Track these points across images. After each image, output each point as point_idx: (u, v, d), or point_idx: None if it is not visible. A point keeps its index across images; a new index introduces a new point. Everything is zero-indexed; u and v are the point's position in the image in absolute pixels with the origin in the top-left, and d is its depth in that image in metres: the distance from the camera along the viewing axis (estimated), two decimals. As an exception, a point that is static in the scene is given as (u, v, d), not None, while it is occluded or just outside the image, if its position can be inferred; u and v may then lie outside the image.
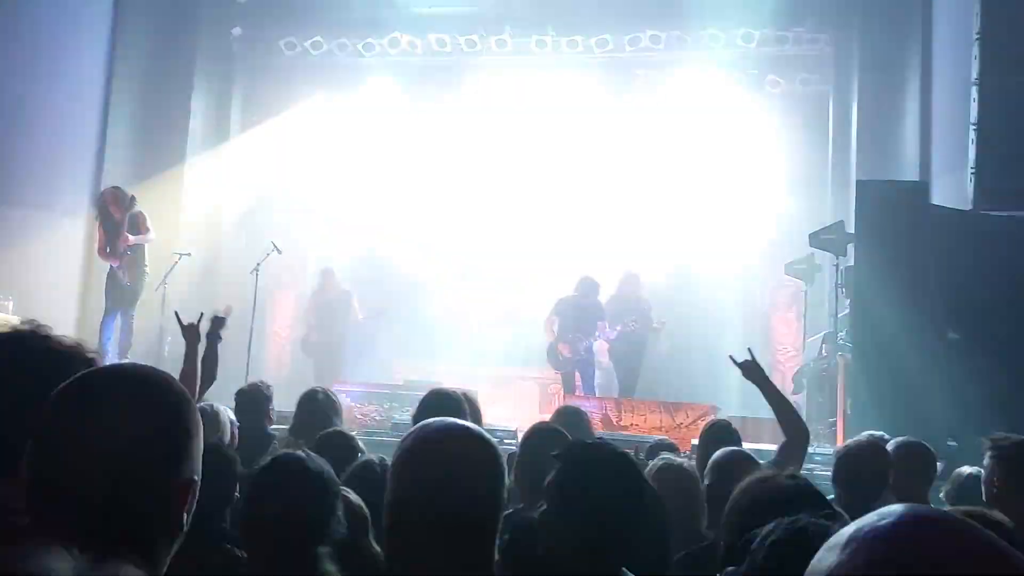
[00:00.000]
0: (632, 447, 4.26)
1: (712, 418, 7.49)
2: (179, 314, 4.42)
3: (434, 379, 10.06)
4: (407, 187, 12.76)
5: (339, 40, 11.96)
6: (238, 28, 11.94)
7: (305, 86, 12.49)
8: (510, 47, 11.79)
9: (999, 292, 6.42)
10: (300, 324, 11.88)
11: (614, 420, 8.24)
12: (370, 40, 11.88)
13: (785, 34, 10.97)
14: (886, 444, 3.84)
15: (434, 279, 11.78)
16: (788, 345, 10.80)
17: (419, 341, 11.40)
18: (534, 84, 12.36)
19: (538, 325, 10.51)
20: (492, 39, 11.68)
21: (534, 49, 11.79)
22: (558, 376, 9.82)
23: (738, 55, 11.35)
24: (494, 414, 9.82)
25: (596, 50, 11.58)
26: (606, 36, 11.40)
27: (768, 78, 11.42)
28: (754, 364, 3.92)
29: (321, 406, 4.09)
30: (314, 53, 12.15)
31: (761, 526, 1.56)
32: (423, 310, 11.74)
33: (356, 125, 12.97)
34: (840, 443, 6.97)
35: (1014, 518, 2.31)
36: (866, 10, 9.83)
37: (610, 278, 10.06)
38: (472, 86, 12.49)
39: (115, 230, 8.62)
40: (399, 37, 11.79)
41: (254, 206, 11.86)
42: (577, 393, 9.35)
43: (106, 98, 10.38)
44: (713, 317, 11.41)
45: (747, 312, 11.44)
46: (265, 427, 4.59)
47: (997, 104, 6.43)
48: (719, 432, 4.09)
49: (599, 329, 9.56)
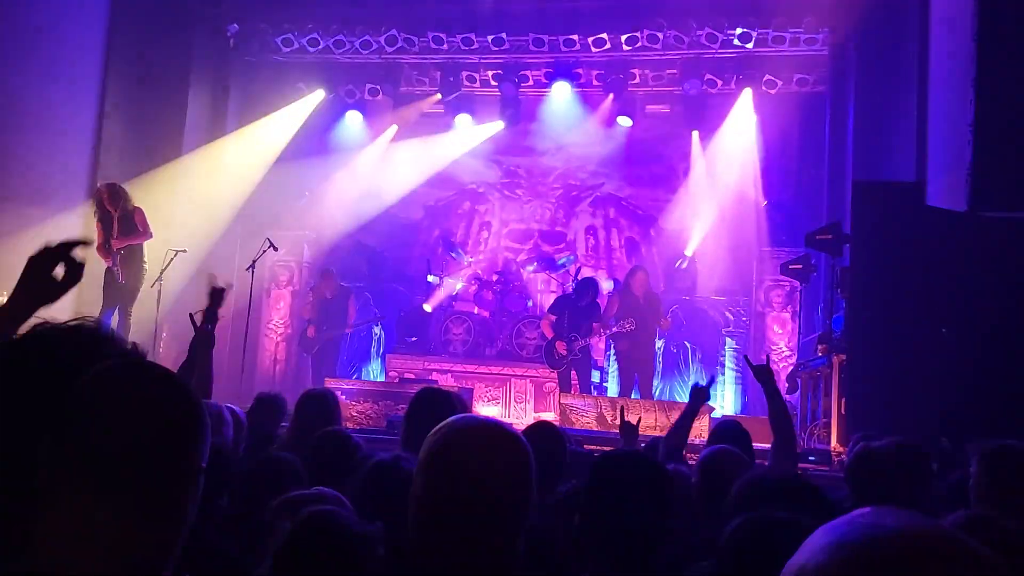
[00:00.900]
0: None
1: (722, 416, 7.53)
2: (193, 316, 4.41)
3: (429, 377, 10.12)
4: (403, 182, 12.77)
5: (336, 37, 11.95)
6: (235, 24, 11.92)
7: (301, 82, 12.48)
8: (507, 45, 11.78)
9: (995, 293, 6.42)
10: (297, 321, 11.88)
11: (609, 419, 8.25)
12: (367, 37, 11.87)
13: (782, 34, 10.98)
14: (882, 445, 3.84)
15: (430, 275, 11.74)
16: (783, 345, 10.82)
17: (414, 338, 11.40)
18: (530, 79, 12.37)
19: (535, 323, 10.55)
20: (489, 37, 11.67)
21: (531, 48, 11.78)
22: (554, 375, 9.82)
23: (735, 55, 11.36)
24: (490, 413, 9.86)
25: (593, 49, 11.58)
26: (603, 35, 11.40)
27: (765, 78, 11.43)
28: (767, 368, 4.16)
29: (320, 406, 4.09)
30: (311, 50, 12.13)
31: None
32: (418, 306, 11.73)
33: (350, 121, 12.96)
34: (834, 443, 6.99)
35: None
36: (863, 11, 9.83)
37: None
38: (468, 87, 12.50)
39: (111, 228, 8.62)
40: (396, 35, 11.77)
41: (250, 203, 11.84)
42: (573, 392, 9.35)
43: (102, 94, 10.35)
44: (708, 317, 11.46)
45: (742, 312, 11.46)
46: (272, 431, 4.60)
47: (994, 105, 6.43)
48: (729, 431, 4.10)
49: (595, 330, 9.56)
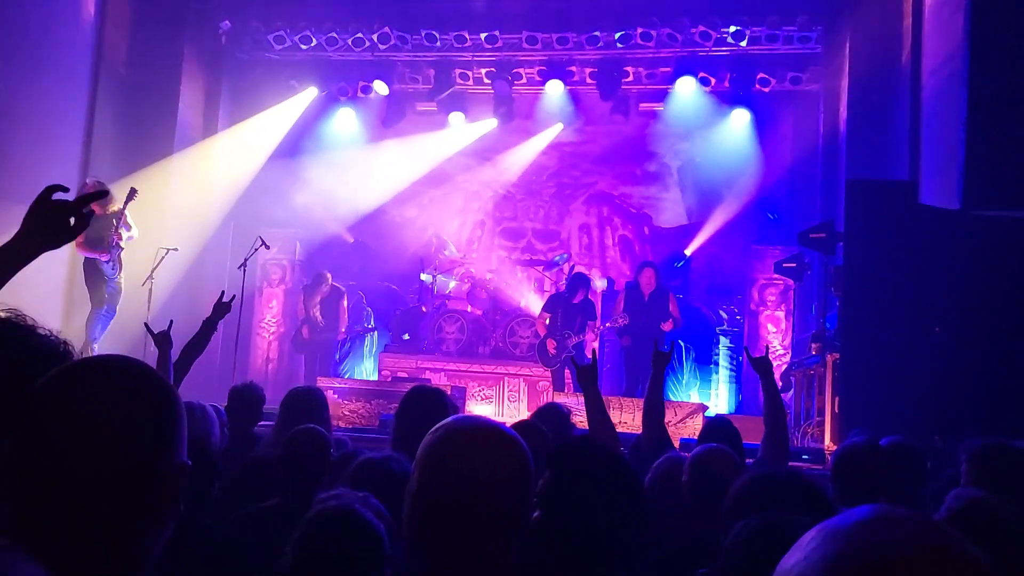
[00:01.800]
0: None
1: (715, 415, 7.51)
2: (148, 325, 4.42)
3: (422, 376, 10.09)
4: (396, 180, 12.75)
5: (328, 35, 11.91)
6: (227, 22, 11.87)
7: (294, 80, 12.44)
8: (500, 43, 11.76)
9: (988, 291, 6.43)
10: (290, 320, 11.86)
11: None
12: (359, 35, 11.83)
13: (775, 33, 10.98)
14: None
15: (423, 273, 11.72)
16: (777, 344, 10.82)
17: (407, 337, 11.37)
18: (523, 77, 12.35)
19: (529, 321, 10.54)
20: (482, 35, 11.64)
21: (524, 46, 11.76)
22: (548, 373, 9.81)
23: (728, 53, 11.36)
24: (483, 411, 9.85)
25: (587, 47, 11.57)
26: (596, 33, 11.38)
27: (758, 76, 11.43)
28: (766, 359, 4.17)
29: (306, 404, 4.06)
30: (303, 47, 12.09)
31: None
32: (412, 306, 11.71)
33: (343, 119, 12.93)
34: (828, 442, 6.99)
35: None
36: (857, 9, 9.83)
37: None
38: (461, 84, 12.48)
39: (101, 223, 8.52)
40: (389, 32, 11.74)
41: (242, 201, 11.80)
42: (567, 390, 9.33)
43: (93, 92, 10.30)
44: (702, 315, 11.46)
45: (736, 310, 11.47)
46: (251, 428, 4.56)
47: (986, 104, 6.43)
48: (719, 428, 4.08)
49: (589, 328, 9.55)
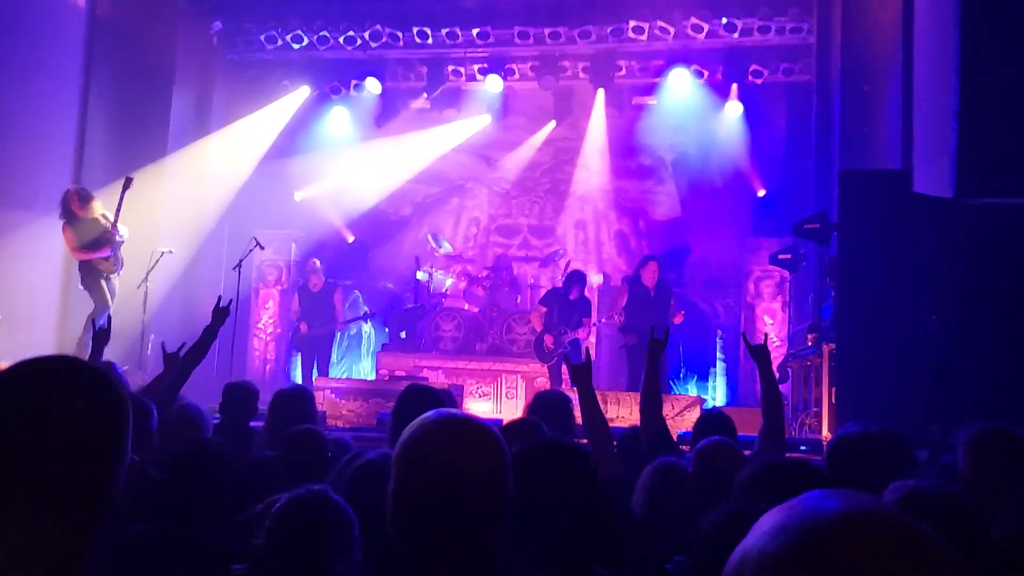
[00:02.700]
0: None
1: (710, 407, 7.50)
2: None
3: (419, 374, 10.08)
4: (390, 179, 12.74)
5: (320, 34, 11.89)
6: (218, 23, 11.85)
7: (286, 80, 12.43)
8: (492, 39, 11.75)
9: (983, 279, 6.43)
10: (286, 321, 11.85)
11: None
12: (351, 33, 11.82)
13: (767, 24, 10.98)
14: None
15: (419, 271, 11.71)
16: (773, 335, 10.82)
17: (404, 335, 11.37)
18: (516, 73, 12.35)
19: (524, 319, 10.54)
20: (474, 31, 11.64)
21: (516, 41, 11.75)
22: (545, 369, 9.81)
23: (721, 45, 11.36)
24: (480, 408, 9.85)
25: (579, 41, 11.56)
26: (588, 27, 11.38)
27: (751, 68, 11.42)
28: (764, 348, 4.12)
29: (293, 404, 4.06)
30: (295, 47, 12.07)
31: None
32: (408, 302, 11.71)
33: (336, 118, 12.91)
34: (825, 432, 7.00)
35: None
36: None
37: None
38: (454, 81, 12.48)
39: (91, 225, 8.47)
40: (380, 30, 11.72)
41: (236, 202, 11.79)
42: (564, 386, 9.33)
43: (84, 95, 10.27)
44: (698, 309, 11.46)
45: (732, 303, 11.48)
46: (247, 425, 4.56)
47: (979, 92, 6.44)
48: (714, 421, 4.08)
49: (585, 324, 9.54)
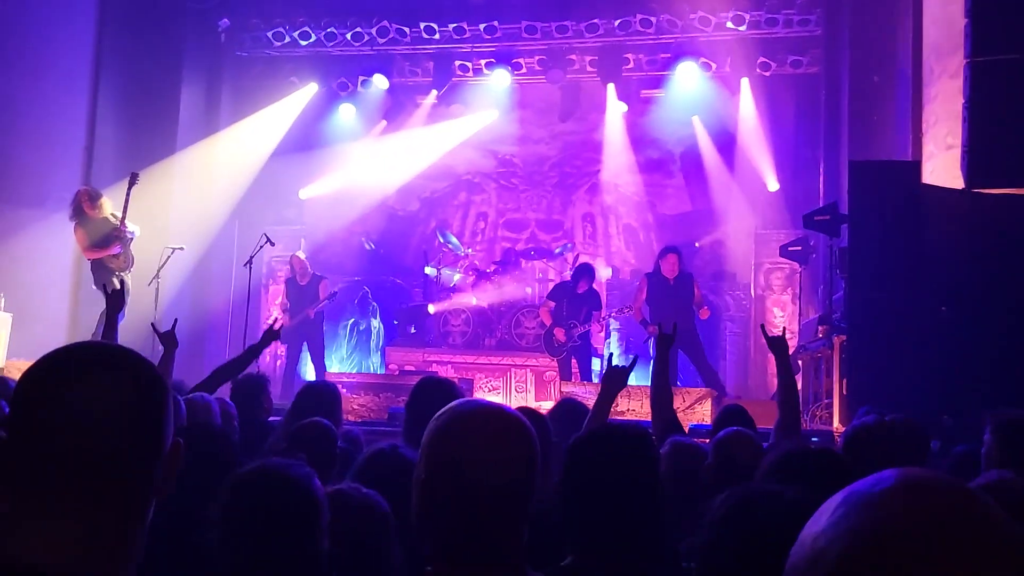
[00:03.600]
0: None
1: (726, 401, 7.49)
2: (155, 325, 4.49)
3: (429, 369, 10.11)
4: (398, 174, 12.75)
5: (327, 30, 11.91)
6: (226, 20, 11.88)
7: (294, 76, 12.45)
8: (499, 34, 11.75)
9: (993, 270, 6.43)
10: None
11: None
12: (358, 29, 11.83)
13: (775, 17, 10.96)
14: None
15: (428, 266, 11.74)
16: (783, 327, 10.80)
17: (413, 330, 11.39)
18: (523, 67, 12.35)
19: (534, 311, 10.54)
20: (481, 26, 11.64)
21: (523, 35, 11.75)
22: (554, 363, 9.82)
23: (728, 38, 11.34)
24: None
25: (587, 35, 11.55)
26: (595, 21, 11.37)
27: (759, 61, 11.40)
28: (783, 340, 4.16)
29: (319, 399, 4.08)
30: (302, 43, 12.09)
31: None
32: (417, 298, 11.74)
33: (344, 114, 12.93)
34: (836, 423, 7.00)
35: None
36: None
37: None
38: (461, 76, 12.49)
39: (100, 224, 8.51)
40: (387, 26, 11.74)
41: (246, 198, 11.82)
42: (574, 380, 9.35)
43: (94, 93, 10.32)
44: (708, 301, 11.44)
45: (742, 295, 11.47)
46: (262, 417, 4.58)
47: (988, 82, 6.42)
48: (734, 416, 4.09)
49: (595, 318, 9.53)
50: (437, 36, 11.87)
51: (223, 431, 3.10)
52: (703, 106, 11.82)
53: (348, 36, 11.92)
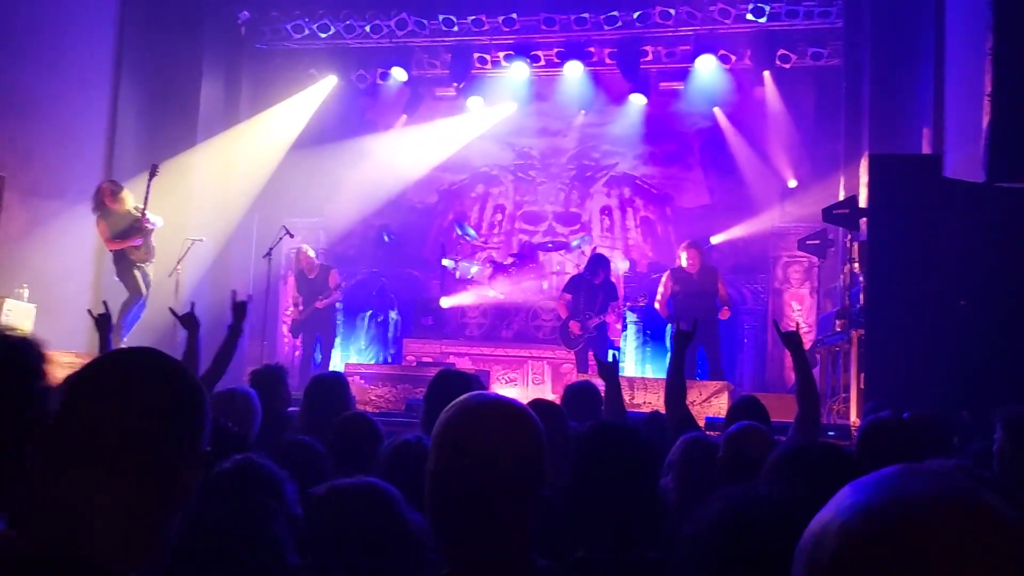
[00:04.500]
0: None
1: (745, 395, 7.47)
2: (173, 309, 4.49)
3: (446, 360, 10.15)
4: (416, 167, 12.78)
5: (346, 23, 11.94)
6: (245, 12, 11.93)
7: (313, 69, 12.49)
8: (518, 26, 11.74)
9: (1014, 264, 6.38)
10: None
11: (627, 398, 8.25)
12: (378, 22, 11.86)
13: (795, 8, 10.88)
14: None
15: (445, 259, 11.77)
16: (802, 321, 10.77)
17: (430, 322, 11.43)
18: (541, 59, 12.33)
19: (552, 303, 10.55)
20: (499, 18, 11.63)
21: (542, 27, 11.74)
22: (571, 355, 9.83)
23: (748, 30, 11.28)
24: (509, 395, 9.89)
25: (605, 27, 11.52)
26: (615, 12, 11.33)
27: (779, 53, 11.33)
28: (796, 335, 4.13)
29: (329, 390, 4.11)
30: (322, 36, 12.13)
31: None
32: (435, 290, 11.77)
33: (363, 106, 12.97)
34: (853, 418, 6.97)
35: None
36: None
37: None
38: (480, 68, 12.49)
39: (122, 216, 8.59)
40: (406, 18, 11.75)
41: (265, 190, 11.88)
42: (590, 372, 9.35)
43: (115, 86, 10.40)
44: (730, 298, 11.41)
45: (760, 289, 11.42)
46: (280, 409, 4.62)
47: (1011, 74, 6.36)
48: (748, 407, 4.08)
49: (611, 309, 9.53)
50: (456, 28, 11.87)
51: (236, 433, 3.12)
52: (722, 99, 11.77)
53: (367, 28, 11.94)
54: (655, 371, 9.96)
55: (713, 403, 8.00)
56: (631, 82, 12.01)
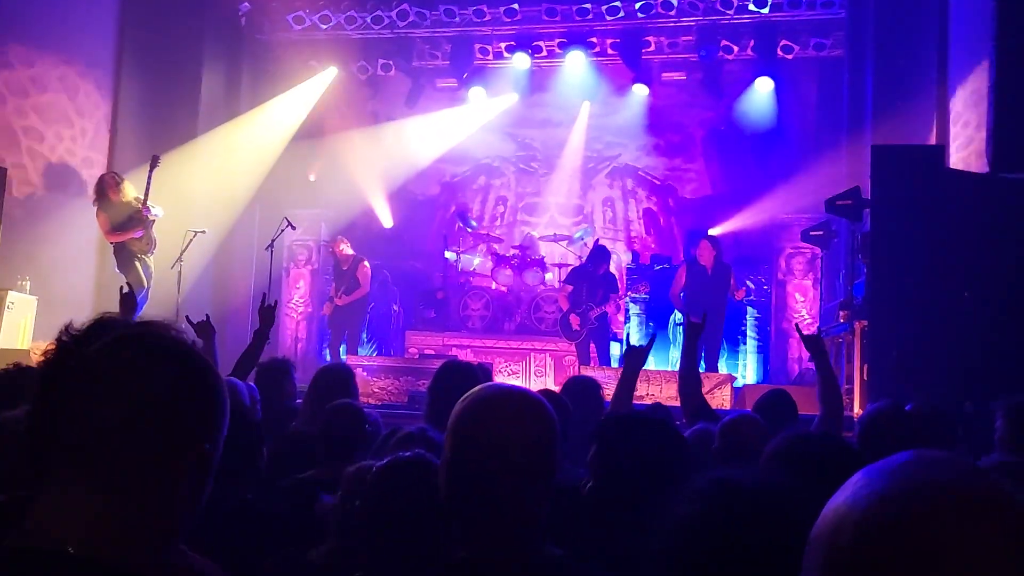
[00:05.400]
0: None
1: (775, 388, 7.48)
2: (189, 318, 4.45)
3: (448, 353, 10.15)
4: (418, 158, 12.77)
5: (347, 13, 11.90)
6: (246, 3, 11.90)
7: (314, 60, 12.46)
8: (519, 16, 11.71)
9: (1016, 255, 6.36)
10: (317, 301, 11.97)
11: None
12: (378, 12, 11.82)
13: (798, -2, 10.85)
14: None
15: (447, 251, 11.76)
16: (805, 312, 10.77)
17: (433, 314, 11.43)
18: (543, 50, 12.30)
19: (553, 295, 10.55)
20: (501, 8, 11.60)
21: (544, 18, 11.70)
22: (573, 348, 9.83)
23: (751, 20, 11.24)
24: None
25: (607, 17, 11.48)
26: (617, 3, 11.29)
27: (781, 43, 11.30)
28: (819, 338, 4.09)
29: (335, 381, 4.11)
30: (323, 27, 12.10)
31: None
32: (437, 282, 11.77)
33: (365, 97, 12.95)
34: (857, 409, 6.98)
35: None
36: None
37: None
38: (481, 59, 12.46)
39: (123, 208, 8.59)
40: (407, 9, 11.72)
41: (267, 182, 11.87)
42: (592, 364, 9.35)
43: (116, 78, 10.38)
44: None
45: (763, 280, 11.42)
46: (284, 402, 4.62)
47: (1015, 65, 6.33)
48: (776, 401, 4.07)
49: (612, 300, 9.53)
50: (456, 19, 11.83)
51: (249, 415, 3.13)
52: (725, 89, 11.74)
53: (368, 19, 11.91)
54: (658, 363, 9.96)
55: (716, 395, 8.01)
56: (633, 72, 11.98)
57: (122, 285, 4.94)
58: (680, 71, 12.05)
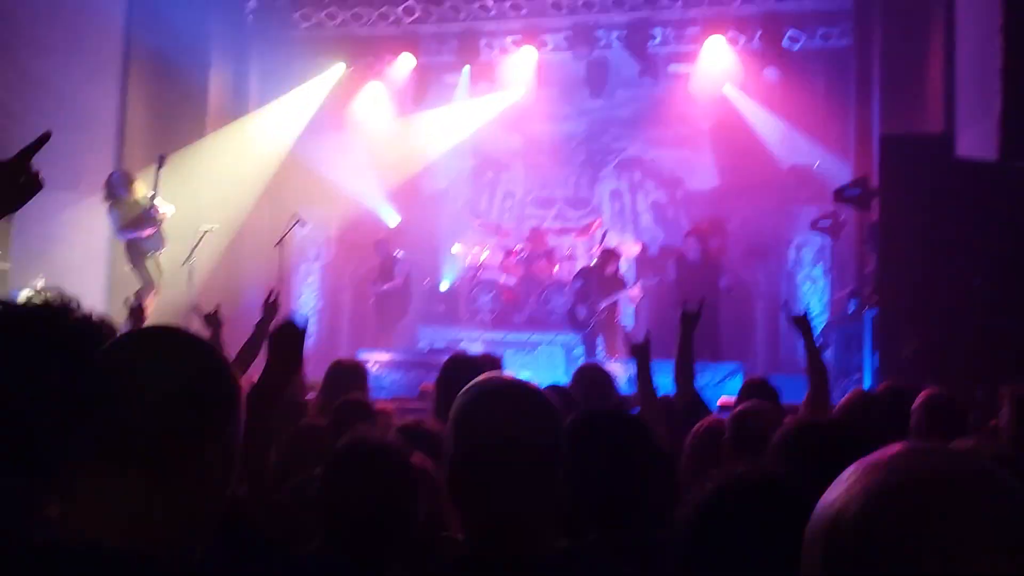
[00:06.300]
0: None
1: (754, 376, 7.49)
2: (199, 307, 4.49)
3: (458, 345, 10.17)
4: (424, 153, 12.77)
5: (354, 10, 11.91)
6: (253, 1, 11.92)
7: (321, 57, 12.47)
8: (525, 10, 11.70)
9: (1027, 242, 6.34)
10: (328, 296, 12.02)
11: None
12: (384, 9, 11.83)
13: (805, -13, 10.82)
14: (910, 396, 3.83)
15: (460, 244, 11.80)
16: (814, 302, 10.75)
17: (442, 307, 11.47)
18: (549, 44, 12.30)
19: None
20: (507, 3, 11.59)
21: (550, 11, 11.69)
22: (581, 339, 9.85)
23: (757, 11, 11.20)
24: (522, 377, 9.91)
25: (613, 10, 11.46)
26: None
27: (788, 34, 11.26)
28: (805, 318, 4.17)
29: (348, 375, 4.13)
30: (330, 23, 12.11)
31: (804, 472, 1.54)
32: (447, 275, 11.80)
33: (372, 94, 12.95)
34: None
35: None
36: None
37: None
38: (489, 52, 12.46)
39: (133, 206, 8.64)
40: (414, 5, 11.73)
41: (276, 179, 11.90)
42: (607, 354, 9.37)
43: (124, 77, 10.41)
44: (734, 279, 11.39)
45: (772, 270, 11.40)
46: (297, 396, 4.64)
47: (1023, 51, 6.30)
48: (756, 389, 4.09)
49: (618, 295, 9.57)
50: (463, 14, 11.83)
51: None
52: (731, 80, 11.70)
53: (374, 15, 11.92)
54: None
55: (726, 385, 8.01)
56: (640, 64, 11.95)
57: (128, 297, 4.97)
58: (687, 63, 12.02)
